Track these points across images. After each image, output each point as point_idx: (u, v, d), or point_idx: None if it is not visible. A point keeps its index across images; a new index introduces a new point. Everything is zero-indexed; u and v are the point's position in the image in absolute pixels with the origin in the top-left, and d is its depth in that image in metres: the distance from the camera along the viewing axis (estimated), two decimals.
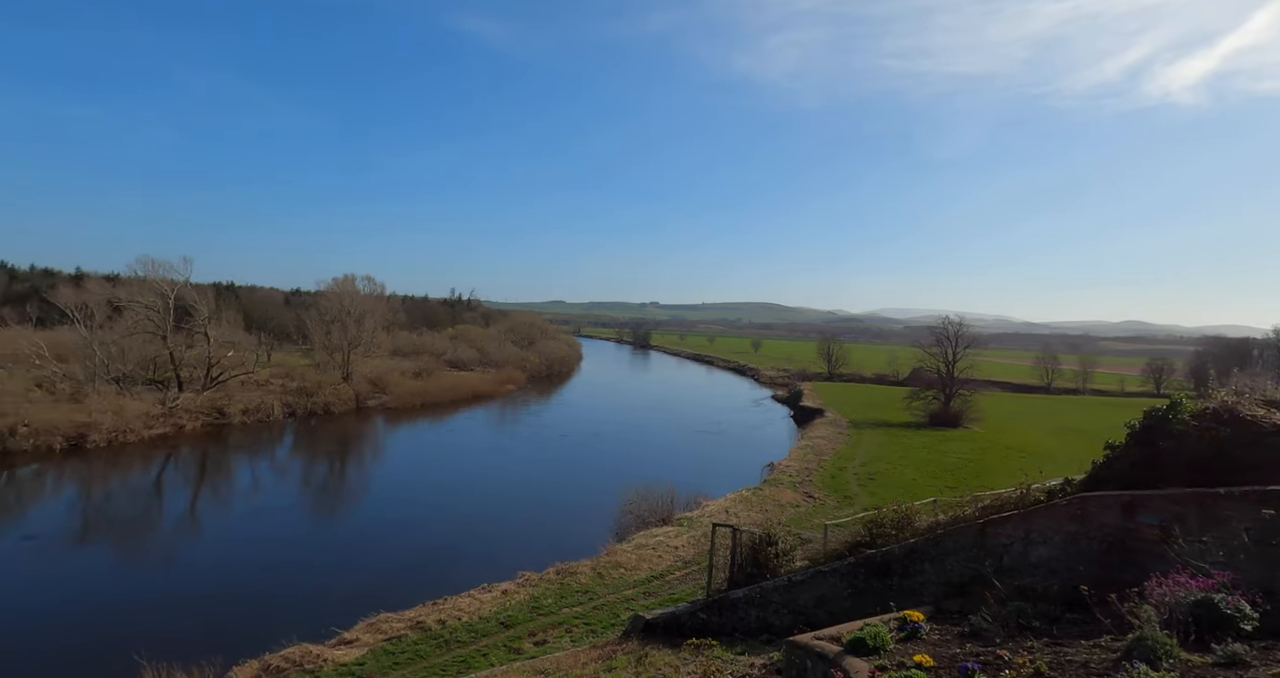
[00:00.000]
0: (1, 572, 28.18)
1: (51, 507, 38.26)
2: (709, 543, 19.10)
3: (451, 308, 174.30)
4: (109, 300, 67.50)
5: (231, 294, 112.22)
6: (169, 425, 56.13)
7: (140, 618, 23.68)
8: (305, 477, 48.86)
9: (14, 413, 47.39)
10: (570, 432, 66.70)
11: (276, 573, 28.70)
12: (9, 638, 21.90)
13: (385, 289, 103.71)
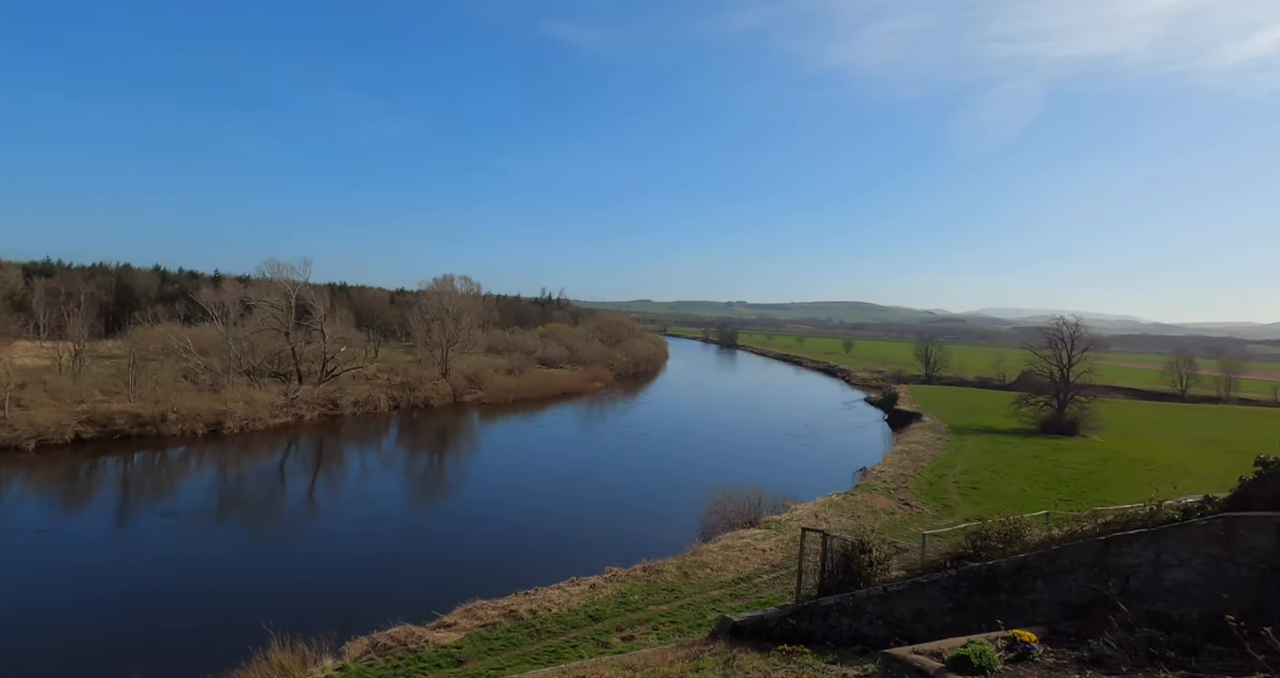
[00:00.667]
0: (155, 543, 31.78)
1: (196, 486, 42.69)
2: (798, 547, 18.65)
3: (542, 307, 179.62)
4: (241, 300, 74.46)
5: (344, 294, 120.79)
6: (290, 415, 61.17)
7: (266, 590, 26.00)
8: (408, 467, 51.85)
9: (165, 401, 53.19)
10: (655, 430, 67.08)
11: (383, 556, 30.66)
12: (160, 602, 24.65)
13: (481, 289, 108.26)
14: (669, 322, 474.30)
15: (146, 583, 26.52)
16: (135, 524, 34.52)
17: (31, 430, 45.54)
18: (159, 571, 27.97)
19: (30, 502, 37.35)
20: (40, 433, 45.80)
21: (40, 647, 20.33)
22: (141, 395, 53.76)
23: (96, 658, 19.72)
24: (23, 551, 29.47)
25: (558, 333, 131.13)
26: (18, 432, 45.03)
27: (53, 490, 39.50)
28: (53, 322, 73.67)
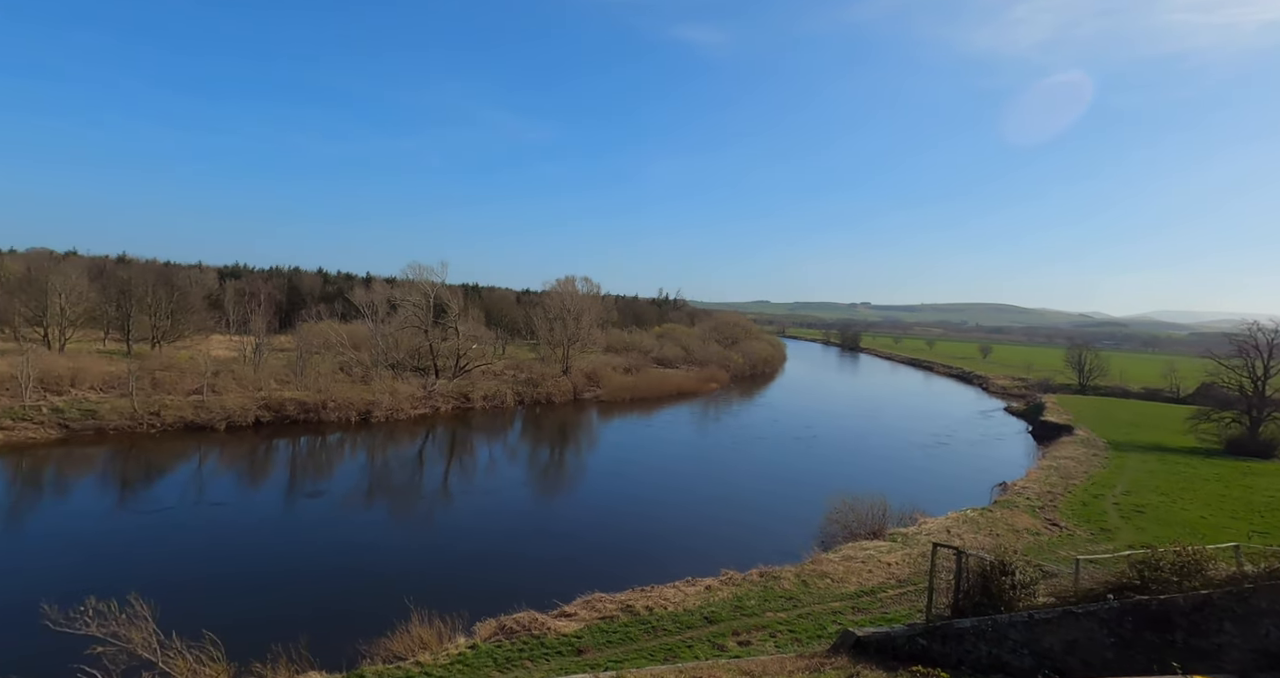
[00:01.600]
0: (314, 519, 35.64)
1: (349, 469, 47.36)
2: (928, 563, 17.51)
3: (659, 307, 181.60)
4: (388, 299, 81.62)
5: (476, 294, 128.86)
6: (428, 407, 66.19)
7: (407, 567, 28.30)
8: (531, 460, 54.37)
9: (325, 391, 59.47)
10: (771, 434, 65.69)
11: (508, 543, 32.37)
12: (318, 573, 27.60)
13: (600, 289, 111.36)
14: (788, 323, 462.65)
15: (306, 555, 29.79)
16: (299, 501, 38.83)
17: (223, 413, 52.63)
18: (317, 544, 31.31)
19: (220, 476, 43.16)
20: (229, 415, 52.81)
21: (210, 611, 23.39)
22: (307, 385, 60.44)
23: (263, 623, 22.38)
24: (206, 520, 34.10)
25: (674, 333, 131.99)
26: (212, 414, 52.22)
27: (238, 467, 45.37)
28: (240, 318, 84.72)
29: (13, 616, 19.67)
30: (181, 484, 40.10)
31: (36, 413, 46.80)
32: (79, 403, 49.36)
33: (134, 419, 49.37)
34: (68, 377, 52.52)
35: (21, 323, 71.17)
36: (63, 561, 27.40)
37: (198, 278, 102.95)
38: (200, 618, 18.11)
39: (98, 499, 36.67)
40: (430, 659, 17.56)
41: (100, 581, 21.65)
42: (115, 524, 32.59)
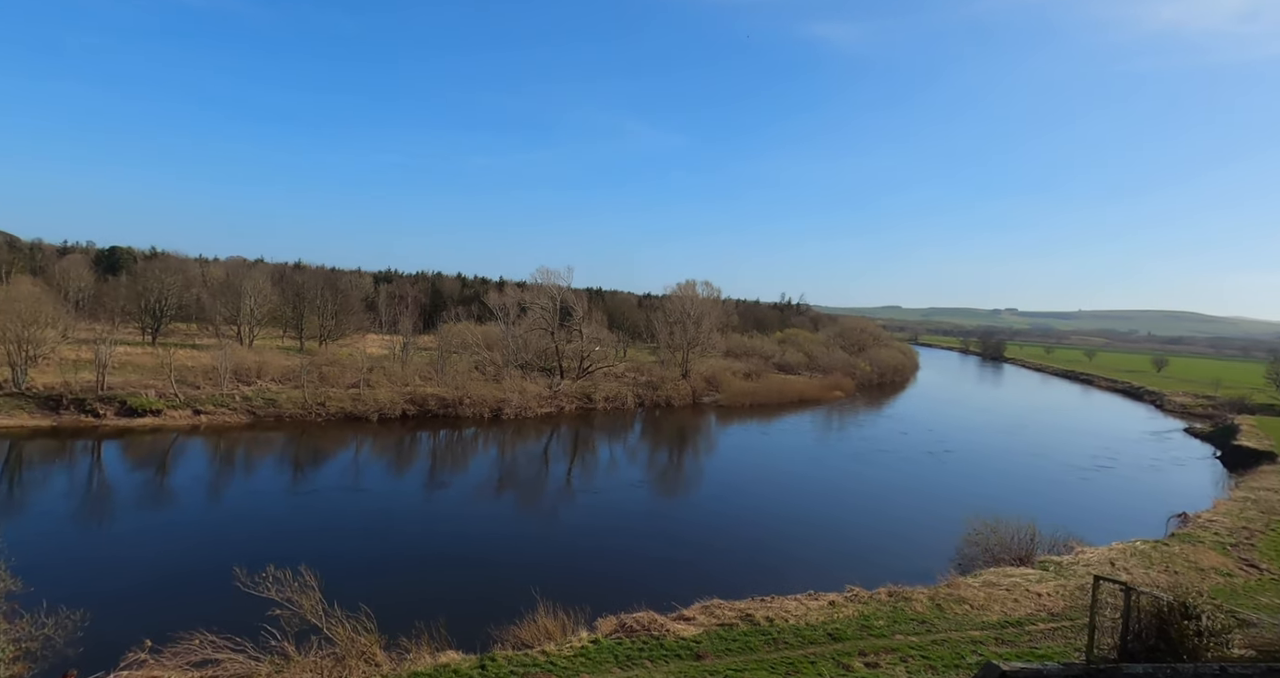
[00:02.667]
0: (451, 507, 38.33)
1: (482, 462, 50.49)
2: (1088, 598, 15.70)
3: (781, 312, 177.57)
4: (518, 302, 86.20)
5: (599, 298, 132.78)
6: (553, 406, 69.06)
7: (534, 558, 29.67)
8: (650, 462, 55.07)
9: (462, 388, 63.86)
10: (900, 446, 61.96)
11: (628, 542, 33.00)
12: (452, 559, 29.64)
13: (721, 293, 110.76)
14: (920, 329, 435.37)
15: (444, 540, 32.09)
16: (438, 490, 41.92)
17: (375, 406, 58.06)
18: (453, 531, 33.65)
19: (373, 463, 47.60)
20: (381, 408, 58.15)
21: (363, 586, 25.71)
22: (446, 382, 65.20)
23: (407, 600, 24.33)
24: (361, 503, 37.65)
25: (796, 338, 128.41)
26: (367, 406, 57.77)
27: (387, 456, 49.81)
28: (390, 319, 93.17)
29: (214, 575, 22.81)
30: (341, 469, 44.69)
31: (231, 400, 54.15)
32: (263, 393, 56.50)
33: (305, 409, 55.72)
34: (255, 369, 60.31)
35: (221, 322, 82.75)
36: (249, 530, 31.48)
37: (357, 282, 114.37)
38: (355, 591, 20.04)
39: (275, 478, 41.76)
40: (555, 650, 18.25)
41: (277, 550, 24.58)
42: (289, 501, 36.96)
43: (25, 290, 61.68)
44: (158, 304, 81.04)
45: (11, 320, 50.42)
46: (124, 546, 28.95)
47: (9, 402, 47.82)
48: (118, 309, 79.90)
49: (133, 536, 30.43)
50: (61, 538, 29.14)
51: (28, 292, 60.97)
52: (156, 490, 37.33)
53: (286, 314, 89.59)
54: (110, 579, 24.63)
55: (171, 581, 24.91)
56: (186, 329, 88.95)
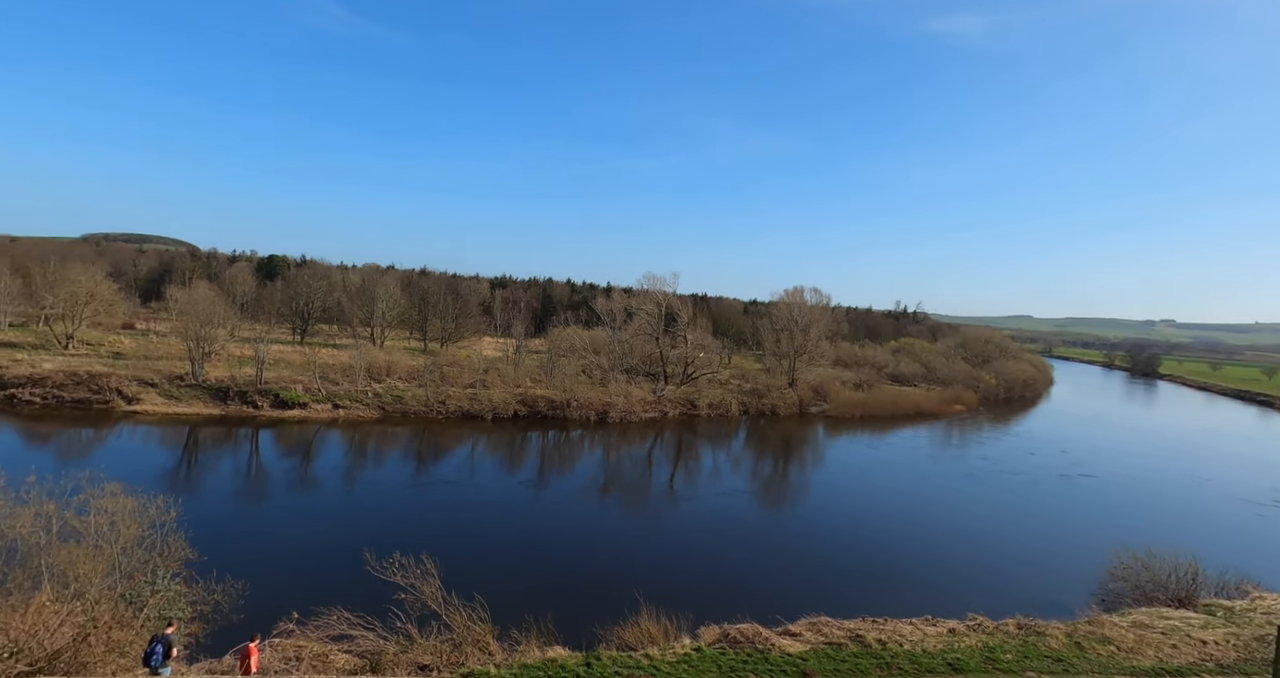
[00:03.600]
0: (557, 506, 39.54)
1: (588, 463, 51.75)
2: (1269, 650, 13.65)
3: (896, 320, 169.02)
4: (625, 308, 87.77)
5: (704, 304, 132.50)
6: (657, 411, 69.59)
7: (636, 561, 30.01)
8: (755, 470, 54.09)
9: (570, 391, 65.87)
10: (1027, 468, 56.94)
11: (730, 550, 32.56)
12: (558, 555, 30.55)
13: (830, 300, 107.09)
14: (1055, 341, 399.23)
15: (552, 537, 33.15)
16: (547, 488, 43.39)
17: (490, 405, 61.16)
18: (560, 529, 34.69)
19: (487, 460, 50.11)
20: (495, 408, 61.17)
21: (477, 576, 26.98)
22: (555, 384, 67.52)
23: (517, 594, 25.32)
24: (476, 497, 39.67)
25: (912, 348, 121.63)
26: (482, 405, 60.97)
27: (500, 453, 52.26)
28: (504, 323, 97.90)
29: (347, 556, 24.94)
30: (459, 465, 47.41)
31: (364, 396, 59.02)
32: (391, 390, 61.12)
33: (428, 406, 59.67)
34: (385, 368, 65.39)
35: (357, 323, 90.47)
36: (377, 516, 34.10)
37: (475, 288, 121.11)
38: (469, 581, 21.11)
39: (401, 470, 44.99)
40: (658, 654, 18.33)
41: (401, 537, 26.41)
42: (412, 492, 39.69)
43: (203, 294, 70.47)
44: (306, 307, 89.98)
45: (192, 321, 57.85)
46: (275, 524, 32.30)
47: (188, 392, 54.79)
48: (274, 311, 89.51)
49: (282, 515, 33.89)
50: (227, 514, 32.96)
51: (204, 295, 69.62)
52: (302, 476, 41.33)
53: (413, 317, 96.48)
54: (264, 553, 27.54)
55: (312, 558, 27.47)
56: (328, 330, 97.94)
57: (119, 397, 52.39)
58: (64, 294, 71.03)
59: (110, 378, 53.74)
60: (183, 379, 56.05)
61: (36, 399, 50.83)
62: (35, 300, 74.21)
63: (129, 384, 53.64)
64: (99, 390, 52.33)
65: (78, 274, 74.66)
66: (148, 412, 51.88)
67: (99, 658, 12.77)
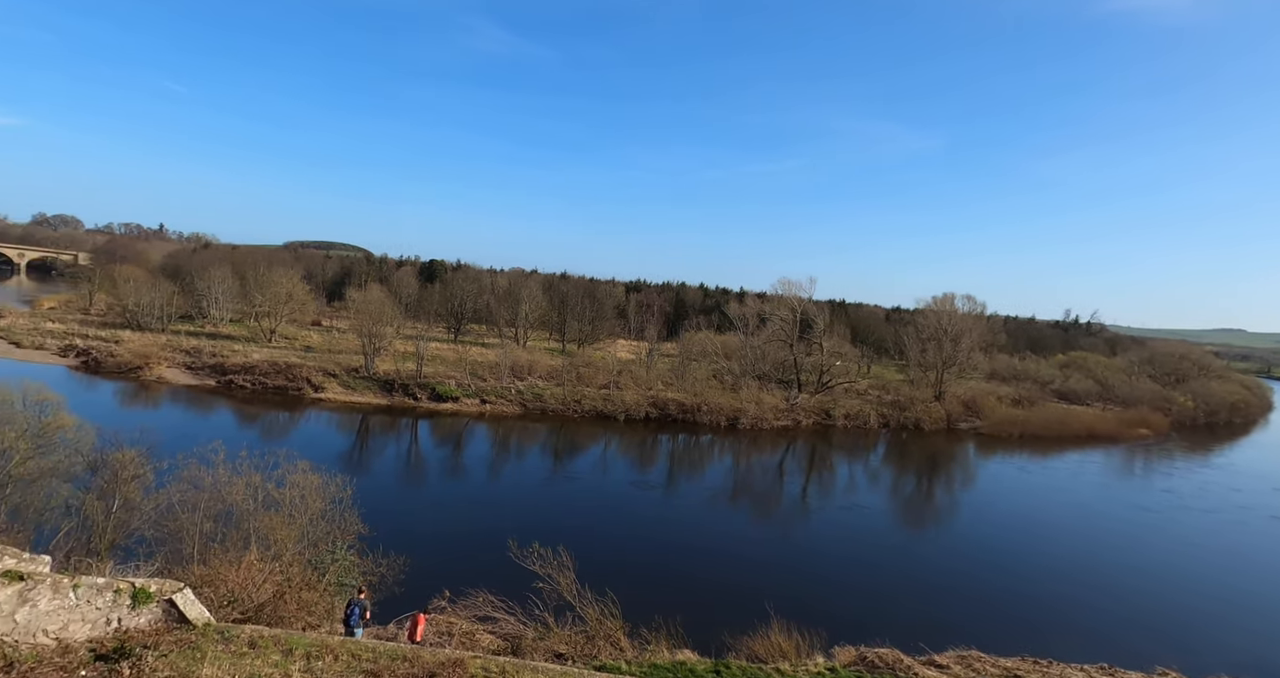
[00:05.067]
0: (688, 511, 39.69)
1: (718, 469, 51.52)
2: None
3: (1064, 331, 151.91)
4: (758, 313, 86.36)
5: (842, 310, 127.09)
6: (790, 419, 67.71)
7: (765, 572, 29.36)
8: (894, 487, 50.94)
9: (700, 395, 65.96)
10: (1230, 506, 48.62)
11: (867, 569, 30.90)
12: (688, 556, 30.62)
13: (985, 309, 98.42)
14: (1274, 360, 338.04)
15: (680, 541, 33.32)
16: (677, 491, 43.72)
17: (622, 406, 62.78)
18: (689, 533, 34.76)
19: (619, 459, 51.48)
20: (627, 409, 62.70)
21: (608, 572, 27.64)
22: (685, 388, 67.90)
23: (647, 594, 25.68)
24: (610, 494, 40.79)
25: (1085, 363, 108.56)
26: (615, 406, 62.74)
27: (632, 454, 53.46)
28: (638, 326, 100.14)
29: (491, 541, 26.73)
30: (592, 462, 49.11)
31: (508, 393, 62.97)
32: (532, 388, 64.67)
33: (565, 404, 62.44)
34: (527, 366, 69.32)
35: (503, 324, 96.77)
36: (518, 506, 36.19)
37: (610, 291, 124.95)
38: (601, 576, 21.73)
39: (540, 464, 47.44)
40: (789, 670, 17.81)
41: (538, 528, 27.88)
42: (549, 485, 41.70)
43: (375, 296, 78.85)
44: (459, 308, 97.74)
45: (366, 319, 64.96)
46: (430, 506, 35.36)
47: (361, 383, 61.53)
48: (432, 311, 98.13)
49: (436, 499, 37.03)
50: (390, 494, 36.58)
51: (376, 296, 77.86)
52: (453, 464, 44.89)
53: (553, 319, 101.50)
54: (420, 532, 30.21)
55: (460, 540, 29.70)
56: (478, 329, 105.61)
57: (308, 385, 59.95)
58: (269, 295, 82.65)
59: (302, 369, 61.67)
60: (357, 371, 63.01)
61: (247, 385, 59.49)
62: (248, 299, 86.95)
63: (316, 375, 61.22)
64: (293, 379, 60.21)
65: (279, 277, 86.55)
66: (330, 399, 58.87)
67: (292, 614, 14.69)
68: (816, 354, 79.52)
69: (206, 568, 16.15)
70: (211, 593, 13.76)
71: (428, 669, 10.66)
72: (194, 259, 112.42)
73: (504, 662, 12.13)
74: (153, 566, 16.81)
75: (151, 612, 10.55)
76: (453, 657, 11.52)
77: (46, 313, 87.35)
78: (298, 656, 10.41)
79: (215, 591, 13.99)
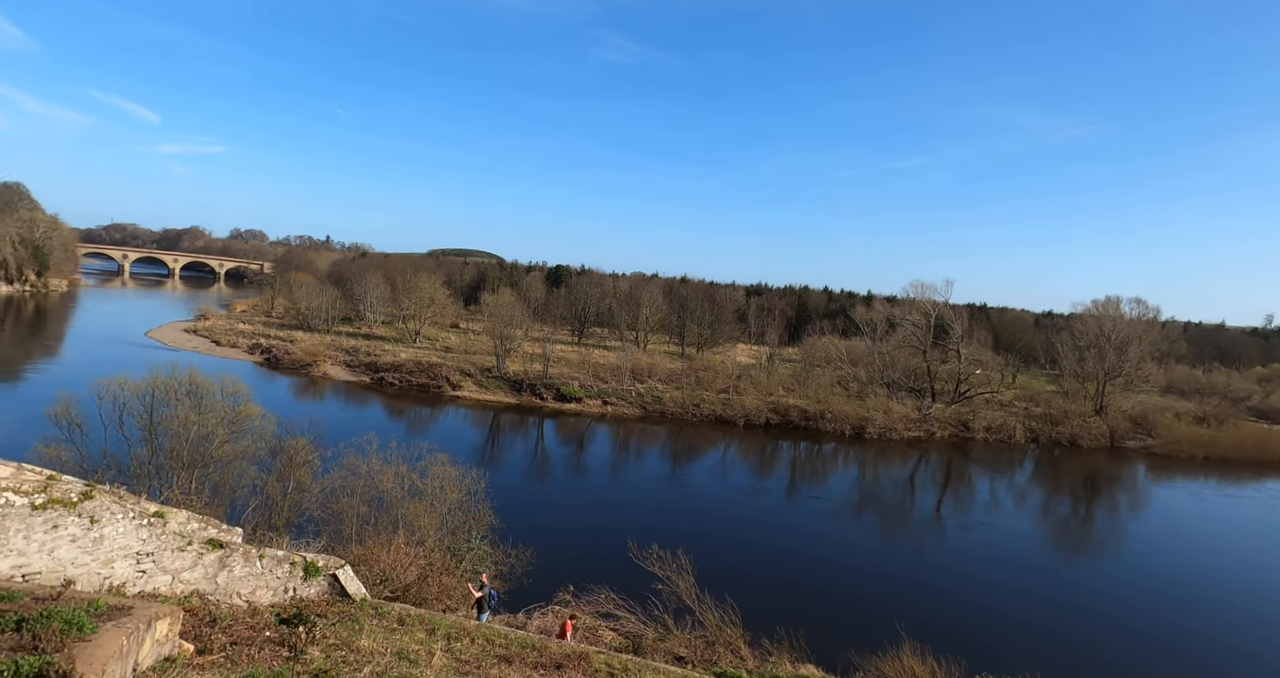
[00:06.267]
0: (810, 522, 38.43)
1: (841, 479, 49.47)
2: None
3: (1264, 340, 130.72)
4: (887, 318, 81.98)
5: (983, 315, 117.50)
6: (922, 431, 63.58)
7: (894, 590, 27.73)
8: (1046, 507, 46.31)
9: (824, 402, 63.67)
10: None
11: (1013, 596, 28.29)
12: (806, 569, 29.60)
13: (1158, 314, 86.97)
14: None
15: (802, 552, 32.29)
16: (799, 501, 42.48)
17: (742, 412, 62.02)
18: (810, 544, 33.63)
19: (738, 465, 50.90)
20: (747, 414, 61.85)
21: (725, 580, 27.29)
22: (808, 395, 65.82)
23: (768, 604, 25.11)
24: (727, 500, 40.37)
25: None
26: (734, 411, 62.11)
27: (751, 460, 52.66)
28: (758, 330, 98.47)
29: (611, 540, 27.45)
30: (711, 467, 48.92)
31: (628, 395, 64.30)
32: (652, 390, 65.58)
33: (683, 408, 62.71)
34: (646, 369, 70.42)
35: (624, 327, 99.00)
36: (637, 507, 36.82)
37: (730, 295, 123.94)
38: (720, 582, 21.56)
39: (658, 466, 47.98)
40: None
41: (657, 530, 28.15)
42: (668, 488, 42.04)
43: (506, 300, 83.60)
44: (583, 311, 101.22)
45: (497, 322, 69.05)
46: (554, 502, 36.87)
47: (494, 382, 65.45)
48: (558, 315, 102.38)
49: (559, 495, 38.54)
50: (518, 489, 38.55)
51: (507, 300, 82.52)
52: (576, 462, 46.53)
53: (672, 323, 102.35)
54: (545, 527, 31.55)
55: (582, 537, 30.66)
56: (600, 333, 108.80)
57: (447, 383, 64.70)
58: (414, 299, 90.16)
59: (442, 368, 66.68)
60: (489, 371, 67.10)
61: (395, 382, 65.26)
62: (397, 303, 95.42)
63: (454, 373, 65.93)
64: (434, 377, 65.25)
65: (423, 283, 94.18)
66: (465, 397, 63.15)
67: (434, 597, 15.93)
68: (953, 362, 74.12)
69: (362, 548, 17.90)
70: (366, 571, 15.22)
71: (555, 660, 11.12)
72: (353, 267, 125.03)
73: (626, 659, 12.39)
74: (319, 543, 18.88)
75: (319, 584, 11.86)
76: (578, 650, 11.94)
77: (238, 315, 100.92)
78: (440, 635, 11.25)
79: (369, 569, 15.46)
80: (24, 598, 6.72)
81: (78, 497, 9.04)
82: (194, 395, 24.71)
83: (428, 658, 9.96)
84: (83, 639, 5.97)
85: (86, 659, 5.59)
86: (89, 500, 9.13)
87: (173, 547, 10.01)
